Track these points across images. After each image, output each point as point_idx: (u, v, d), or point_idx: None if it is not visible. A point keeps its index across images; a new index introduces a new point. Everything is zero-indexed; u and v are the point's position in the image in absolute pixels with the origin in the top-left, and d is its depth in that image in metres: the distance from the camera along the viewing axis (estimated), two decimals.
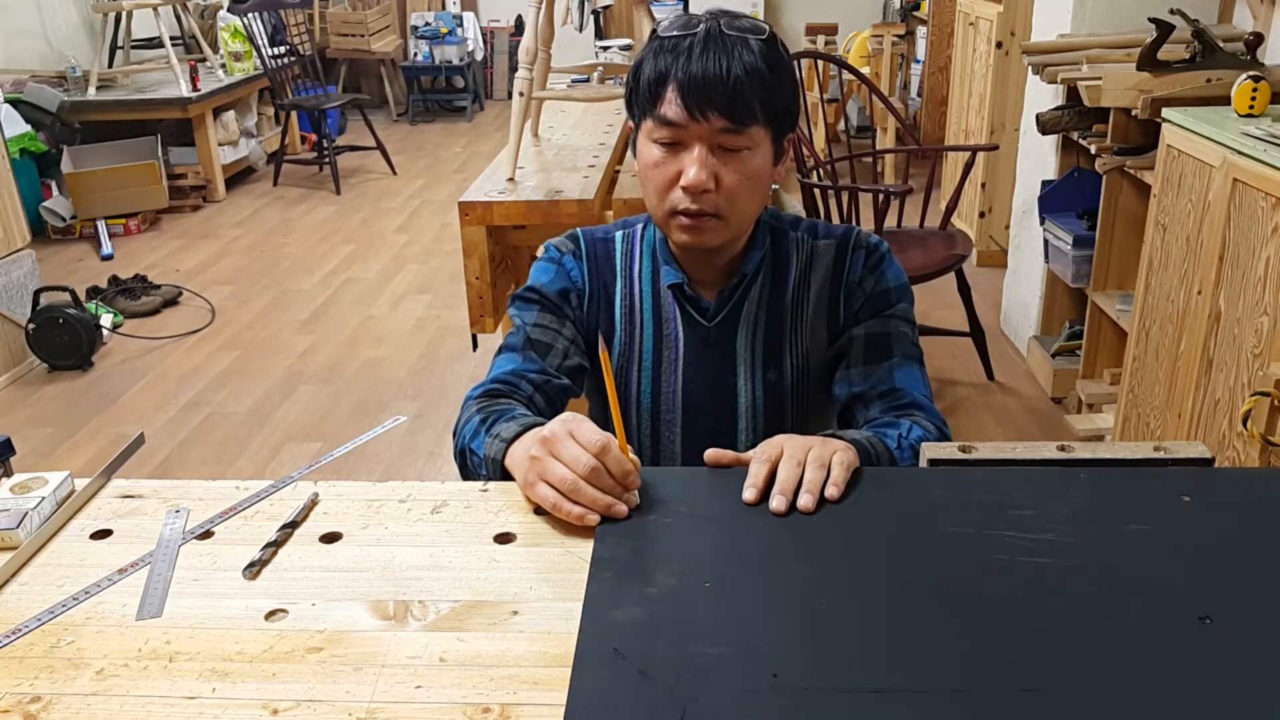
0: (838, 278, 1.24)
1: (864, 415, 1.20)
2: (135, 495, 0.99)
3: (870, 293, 1.23)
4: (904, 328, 1.24)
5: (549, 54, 2.53)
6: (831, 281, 1.24)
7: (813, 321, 1.25)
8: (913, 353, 1.23)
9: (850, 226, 1.27)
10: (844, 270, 1.24)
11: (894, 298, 1.24)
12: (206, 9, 6.15)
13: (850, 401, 1.22)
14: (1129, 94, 2.44)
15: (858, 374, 1.22)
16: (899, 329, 1.23)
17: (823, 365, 1.26)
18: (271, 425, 3.11)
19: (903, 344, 1.23)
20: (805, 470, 0.93)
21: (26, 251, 3.58)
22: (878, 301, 1.23)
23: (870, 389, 1.21)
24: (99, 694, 0.73)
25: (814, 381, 1.26)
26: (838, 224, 1.29)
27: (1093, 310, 2.84)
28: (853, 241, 1.25)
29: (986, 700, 0.68)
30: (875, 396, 1.20)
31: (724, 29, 1.10)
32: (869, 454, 1.04)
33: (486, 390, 1.19)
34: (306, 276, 4.39)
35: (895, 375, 1.20)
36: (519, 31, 7.59)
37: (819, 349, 1.25)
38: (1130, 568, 0.81)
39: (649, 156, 1.14)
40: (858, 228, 1.28)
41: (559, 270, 1.28)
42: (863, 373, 1.21)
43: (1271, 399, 1.74)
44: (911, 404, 1.19)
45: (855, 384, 1.22)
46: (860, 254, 1.24)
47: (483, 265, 2.29)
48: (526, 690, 0.72)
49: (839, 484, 0.92)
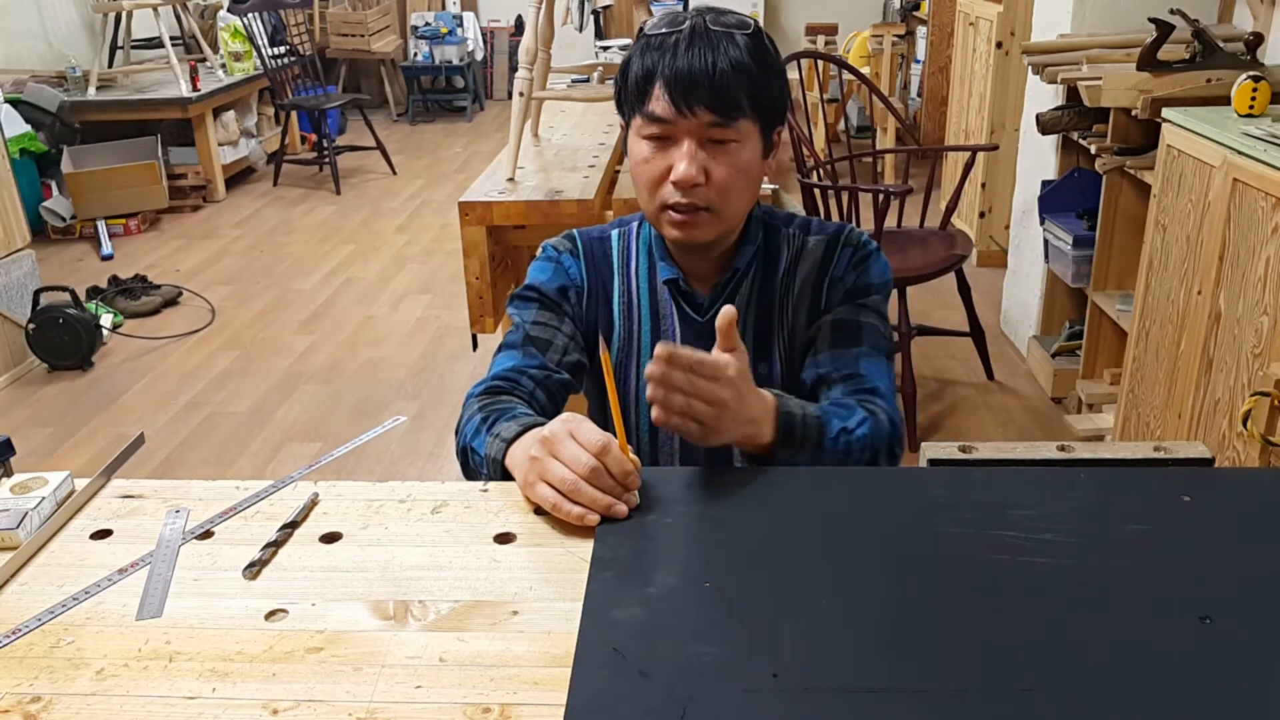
0: (823, 272, 1.25)
1: (826, 396, 1.21)
2: (135, 495, 0.99)
3: (850, 285, 1.24)
4: (875, 320, 1.24)
5: (549, 54, 2.53)
6: (817, 275, 1.25)
7: (796, 313, 1.26)
8: (880, 345, 1.24)
9: (843, 224, 1.28)
10: (830, 265, 1.25)
11: (871, 290, 1.24)
12: (206, 9, 6.15)
13: (815, 383, 1.23)
14: (1129, 94, 2.44)
15: (824, 358, 1.23)
16: (869, 320, 1.24)
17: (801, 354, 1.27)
18: (271, 425, 3.11)
19: (871, 335, 1.23)
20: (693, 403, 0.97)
21: (26, 251, 3.58)
22: (855, 293, 1.24)
23: (833, 371, 1.21)
24: (99, 694, 0.73)
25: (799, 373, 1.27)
26: (832, 222, 1.30)
27: (1093, 310, 2.84)
28: (842, 239, 1.26)
29: (986, 700, 0.68)
30: (838, 379, 1.21)
31: (709, 25, 1.11)
32: (792, 428, 1.06)
33: (488, 387, 1.19)
34: (306, 276, 4.39)
35: (860, 362, 1.21)
36: (519, 31, 7.59)
37: (802, 340, 1.26)
38: (1130, 568, 0.81)
39: (639, 153, 1.16)
40: (850, 225, 1.28)
41: (557, 268, 1.29)
42: (829, 357, 1.22)
43: (1271, 399, 1.74)
44: (872, 390, 1.19)
45: (821, 366, 1.22)
46: (848, 250, 1.25)
47: (483, 265, 2.29)
48: (526, 690, 0.72)
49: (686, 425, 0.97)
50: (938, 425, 2.99)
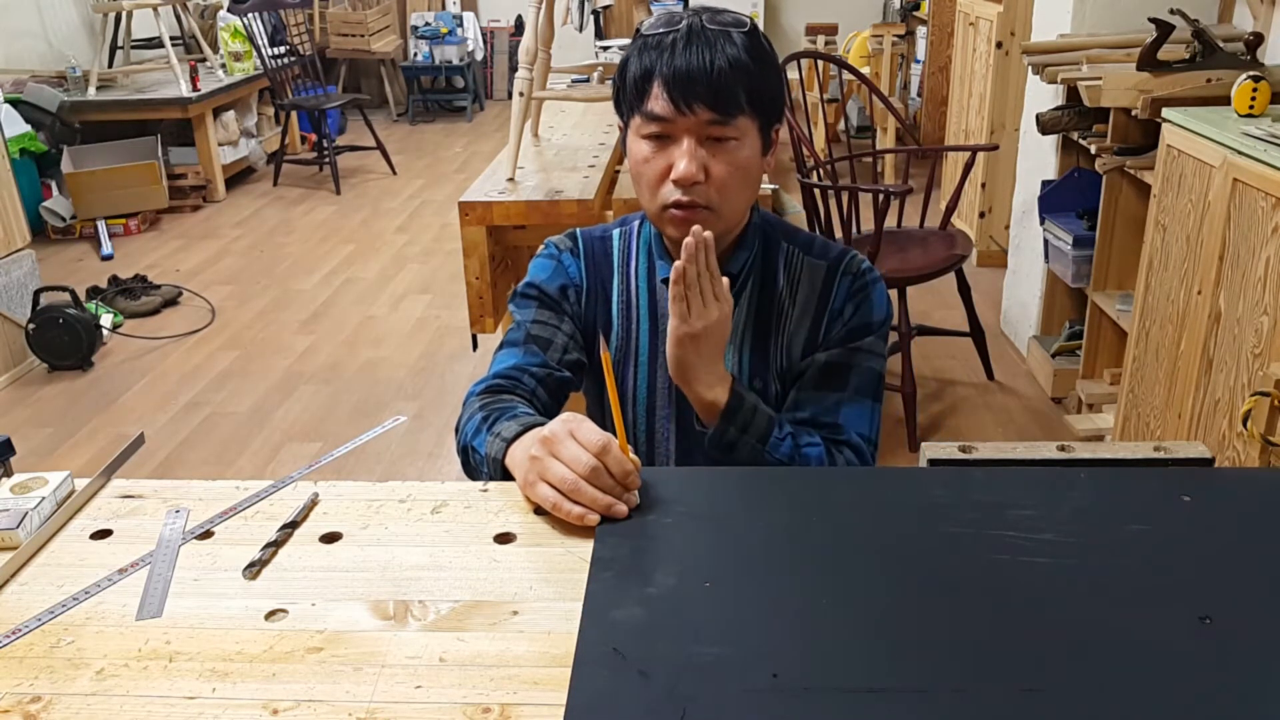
0: (823, 302, 1.24)
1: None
2: (135, 495, 0.99)
3: (849, 322, 1.23)
4: (868, 361, 1.22)
5: (549, 54, 2.53)
6: (817, 305, 1.24)
7: (794, 338, 1.25)
8: (868, 389, 1.22)
9: (844, 249, 1.26)
10: (830, 295, 1.24)
11: (870, 330, 1.23)
12: (206, 9, 6.15)
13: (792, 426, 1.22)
14: (1129, 94, 2.44)
15: (806, 399, 1.22)
16: (862, 362, 1.22)
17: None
18: (271, 425, 3.11)
19: (860, 378, 1.22)
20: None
21: (26, 251, 3.58)
22: (853, 333, 1.23)
23: (811, 418, 1.21)
24: (99, 694, 0.73)
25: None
26: (834, 243, 1.28)
27: (1093, 310, 2.84)
28: (842, 266, 1.24)
29: (986, 700, 0.68)
30: (815, 426, 1.20)
31: (706, 24, 1.12)
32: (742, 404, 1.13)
33: (489, 386, 1.19)
34: (306, 276, 4.39)
35: (840, 410, 1.20)
36: (519, 31, 7.59)
37: (796, 370, 1.25)
38: (1130, 568, 0.81)
39: (639, 153, 1.16)
40: (852, 251, 1.26)
41: (557, 266, 1.29)
42: (811, 399, 1.22)
43: (1271, 399, 1.74)
44: (844, 442, 1.19)
45: (801, 409, 1.22)
46: (847, 280, 1.23)
47: (483, 265, 2.29)
48: (526, 690, 0.72)
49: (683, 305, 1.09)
50: (938, 425, 2.99)
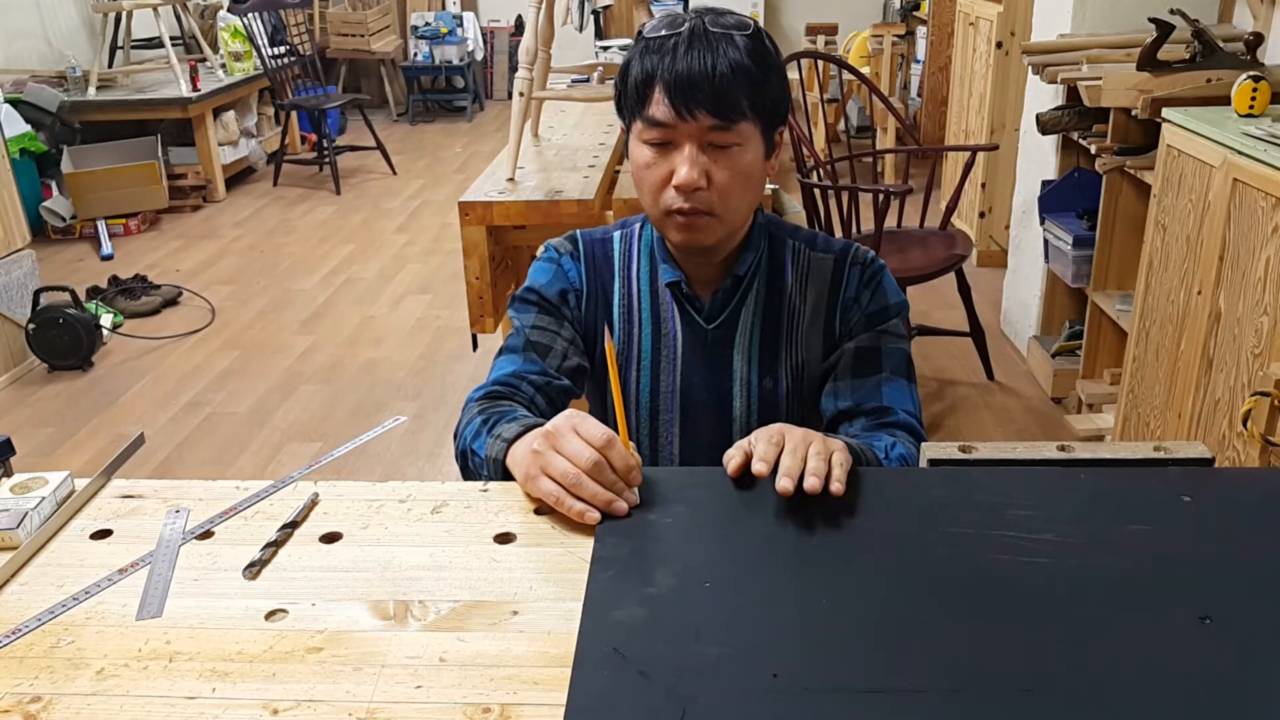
0: (834, 293, 1.25)
1: (848, 430, 1.20)
2: (135, 495, 0.99)
3: (866, 309, 1.24)
4: (896, 343, 1.23)
5: (549, 54, 2.53)
6: (829, 297, 1.25)
7: (808, 334, 1.25)
8: (902, 369, 1.23)
9: (848, 242, 1.28)
10: (840, 286, 1.24)
11: (890, 314, 1.24)
12: (206, 9, 6.15)
13: (836, 416, 1.22)
14: (1129, 94, 2.44)
15: (845, 387, 1.22)
16: (890, 345, 1.23)
17: (816, 379, 1.26)
18: (271, 425, 3.10)
19: (893, 359, 1.23)
20: (809, 461, 0.91)
21: (26, 251, 3.58)
22: (874, 318, 1.23)
23: (856, 405, 1.21)
24: (99, 694, 0.73)
25: (808, 394, 1.26)
26: (836, 238, 1.29)
27: (1093, 310, 2.84)
28: (850, 258, 1.25)
29: (986, 700, 0.68)
30: (861, 413, 1.20)
31: (709, 27, 1.10)
32: (859, 458, 1.04)
33: (488, 392, 1.19)
34: (306, 276, 4.39)
35: (883, 391, 1.20)
36: (519, 31, 7.59)
37: (814, 362, 1.26)
38: (1130, 568, 0.81)
39: (641, 158, 1.15)
40: (855, 243, 1.28)
41: (557, 270, 1.29)
42: (850, 386, 1.22)
43: (1271, 399, 1.74)
44: (895, 423, 1.19)
45: (842, 398, 1.22)
46: (856, 270, 1.24)
47: (483, 265, 2.29)
48: (526, 690, 0.72)
49: (842, 481, 0.91)
50: (938, 425, 2.99)
